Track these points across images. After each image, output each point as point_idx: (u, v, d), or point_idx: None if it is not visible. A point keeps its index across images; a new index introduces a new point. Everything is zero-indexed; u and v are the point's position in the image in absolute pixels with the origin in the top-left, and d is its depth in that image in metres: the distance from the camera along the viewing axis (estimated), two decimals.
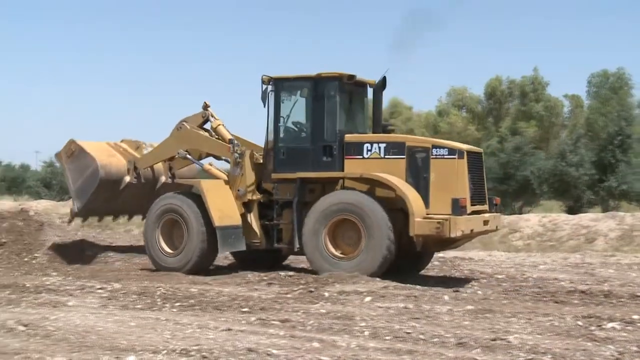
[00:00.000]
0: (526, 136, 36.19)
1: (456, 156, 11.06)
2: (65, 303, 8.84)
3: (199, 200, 12.10)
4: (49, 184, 43.02)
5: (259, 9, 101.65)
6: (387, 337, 7.14)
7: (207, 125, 13.30)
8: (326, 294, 9.68)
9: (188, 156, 13.11)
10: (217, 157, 13.29)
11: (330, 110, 11.80)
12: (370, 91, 12.65)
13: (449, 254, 15.66)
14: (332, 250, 11.47)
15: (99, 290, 9.85)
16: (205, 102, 13.23)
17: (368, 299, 9.44)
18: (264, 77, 12.01)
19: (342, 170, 11.71)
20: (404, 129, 68.82)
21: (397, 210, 11.26)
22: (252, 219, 12.34)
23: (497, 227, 12.43)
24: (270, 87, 12.03)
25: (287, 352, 6.36)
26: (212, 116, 13.17)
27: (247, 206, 12.38)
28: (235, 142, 12.60)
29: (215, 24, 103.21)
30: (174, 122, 13.33)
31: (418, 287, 10.66)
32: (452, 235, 10.68)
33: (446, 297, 9.70)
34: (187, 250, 12.10)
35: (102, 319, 7.70)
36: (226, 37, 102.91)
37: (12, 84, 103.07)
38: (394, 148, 11.48)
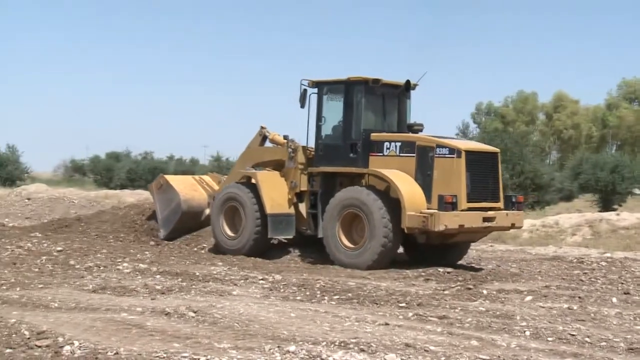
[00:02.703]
0: None
1: (455, 155, 11.81)
2: (230, 292, 9.24)
3: (255, 190, 13.43)
4: None
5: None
6: (549, 339, 6.90)
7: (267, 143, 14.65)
8: (485, 292, 9.50)
9: (254, 170, 14.29)
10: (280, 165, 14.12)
11: (356, 111, 12.81)
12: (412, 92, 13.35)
13: (618, 254, 14.83)
14: (345, 241, 12.40)
15: (261, 281, 10.22)
16: (261, 126, 14.62)
17: (529, 298, 9.17)
18: (306, 80, 13.05)
19: (367, 167, 12.59)
20: (569, 124, 66.19)
21: None
22: (303, 208, 13.48)
23: (513, 224, 12.64)
24: (311, 90, 13.12)
25: (445, 349, 6.30)
26: (267, 132, 14.53)
27: (299, 196, 13.58)
28: (290, 138, 13.81)
29: None
30: None
31: (583, 287, 10.22)
32: (436, 229, 11.42)
33: (614, 300, 9.22)
34: (244, 234, 13.47)
35: (265, 308, 7.98)
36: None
37: (183, 84, 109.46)
38: (406, 147, 12.37)
